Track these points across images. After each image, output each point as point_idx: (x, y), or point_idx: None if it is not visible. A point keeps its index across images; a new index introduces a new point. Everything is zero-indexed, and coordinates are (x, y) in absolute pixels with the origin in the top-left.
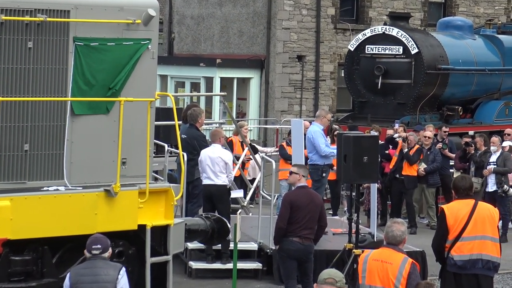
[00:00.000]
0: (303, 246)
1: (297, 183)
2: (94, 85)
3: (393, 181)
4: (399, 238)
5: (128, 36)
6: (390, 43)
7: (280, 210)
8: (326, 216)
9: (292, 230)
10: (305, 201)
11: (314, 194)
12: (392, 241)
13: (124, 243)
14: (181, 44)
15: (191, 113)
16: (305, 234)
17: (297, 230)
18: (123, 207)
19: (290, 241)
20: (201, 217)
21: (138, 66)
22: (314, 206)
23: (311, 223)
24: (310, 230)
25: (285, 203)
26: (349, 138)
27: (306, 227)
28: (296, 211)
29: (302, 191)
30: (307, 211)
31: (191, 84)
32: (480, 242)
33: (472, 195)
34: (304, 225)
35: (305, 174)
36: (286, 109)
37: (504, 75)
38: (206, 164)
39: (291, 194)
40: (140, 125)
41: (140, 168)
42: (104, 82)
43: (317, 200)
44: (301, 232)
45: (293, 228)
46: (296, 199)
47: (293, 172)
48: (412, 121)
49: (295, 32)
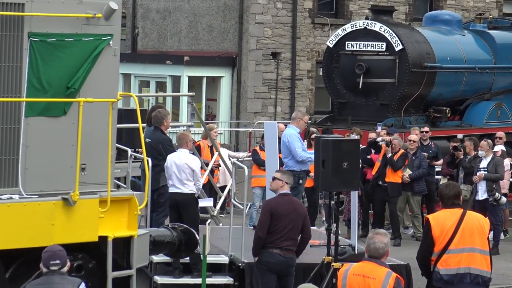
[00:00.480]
0: (284, 259)
1: (280, 190)
2: (51, 85)
3: (376, 189)
4: (381, 251)
5: (88, 32)
6: (372, 39)
7: (259, 218)
8: (310, 227)
9: (272, 240)
10: (287, 210)
11: (297, 203)
12: (374, 254)
13: (84, 256)
14: (146, 40)
15: (156, 115)
16: (287, 246)
17: (278, 241)
18: (83, 217)
19: (270, 253)
20: (167, 227)
21: (99, 64)
22: (297, 215)
23: (293, 233)
24: (292, 241)
25: (265, 211)
26: (327, 142)
27: (287, 238)
28: (277, 219)
29: (284, 199)
30: (289, 220)
31: (156, 83)
32: (468, 255)
33: (459, 203)
34: (285, 235)
35: (289, 181)
36: (259, 111)
37: (496, 73)
38: (172, 171)
39: (272, 201)
40: (101, 128)
41: (101, 174)
42: (61, 81)
43: (300, 209)
44: (282, 243)
45: (274, 238)
46: (277, 206)
47: (276, 178)
48: (396, 124)
49: (269, 27)
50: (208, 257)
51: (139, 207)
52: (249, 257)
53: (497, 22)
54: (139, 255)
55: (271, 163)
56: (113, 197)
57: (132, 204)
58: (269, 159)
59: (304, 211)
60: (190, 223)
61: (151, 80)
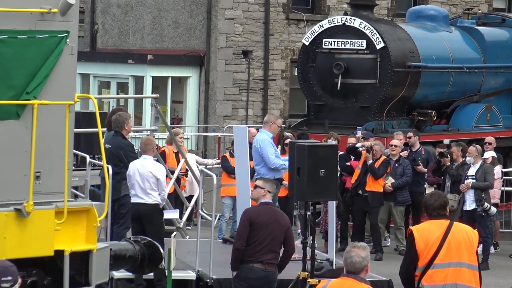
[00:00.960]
0: (265, 273)
1: (261, 199)
2: (2, 86)
3: (355, 198)
4: (358, 265)
5: (43, 28)
6: (351, 37)
7: (238, 228)
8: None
9: (252, 254)
10: (267, 220)
11: (280, 213)
12: (351, 269)
13: (38, 272)
14: (106, 38)
15: (117, 118)
16: (268, 259)
17: (258, 254)
18: (37, 229)
19: (250, 268)
20: (129, 241)
21: (55, 63)
22: (279, 226)
23: (274, 245)
24: (273, 254)
25: (244, 220)
26: (303, 148)
27: (268, 251)
28: (256, 230)
29: (265, 208)
30: (270, 230)
31: (117, 84)
32: (455, 270)
33: (445, 214)
34: (266, 247)
35: (272, 190)
36: (229, 114)
37: (485, 74)
38: (135, 180)
39: (251, 210)
40: (57, 132)
41: (57, 183)
42: (13, 82)
43: (283, 220)
44: (263, 256)
45: (253, 251)
46: (257, 216)
47: (258, 186)
48: (378, 128)
49: (240, 23)
50: (173, 273)
51: (98, 219)
52: (218, 272)
53: (487, 18)
54: (98, 271)
55: (241, 171)
56: (70, 207)
57: (90, 216)
58: (239, 166)
59: (287, 222)
60: (154, 236)
61: (112, 81)
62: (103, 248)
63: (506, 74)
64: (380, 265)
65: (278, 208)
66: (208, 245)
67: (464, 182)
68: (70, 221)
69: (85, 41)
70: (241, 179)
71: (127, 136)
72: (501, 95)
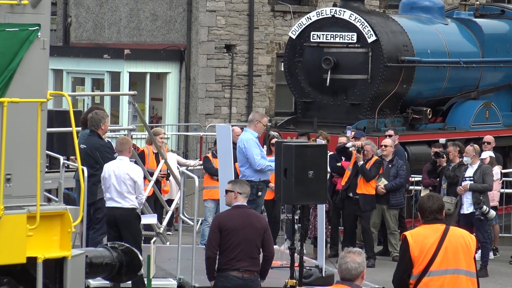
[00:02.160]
0: (242, 282)
1: (233, 202)
2: None
3: (346, 202)
4: (354, 272)
5: (12, 21)
6: (341, 30)
7: (208, 236)
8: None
9: (227, 261)
10: (239, 223)
11: (254, 215)
12: (346, 276)
13: (10, 281)
14: (80, 31)
15: (93, 116)
16: (245, 266)
17: (233, 261)
18: (8, 235)
19: (226, 277)
20: (106, 247)
21: (25, 59)
22: (253, 229)
23: (250, 251)
24: (250, 260)
25: (213, 226)
26: (290, 148)
27: (244, 257)
28: (228, 236)
29: (237, 212)
30: (243, 235)
31: (92, 80)
32: (452, 277)
33: (441, 218)
34: (240, 254)
35: (242, 191)
36: (212, 112)
37: (484, 68)
38: (111, 183)
39: (221, 215)
40: (28, 132)
41: (29, 186)
42: None
43: (258, 222)
44: (239, 263)
45: (227, 258)
46: (227, 220)
47: (227, 190)
48: (370, 126)
49: (222, 16)
50: (153, 281)
51: (73, 224)
52: (201, 280)
53: (485, 9)
54: (73, 279)
55: (224, 172)
56: (43, 212)
57: (65, 220)
58: (222, 168)
59: (262, 225)
60: (131, 242)
61: (86, 77)
62: (78, 255)
63: (505, 69)
64: (373, 272)
65: (263, 211)
66: (190, 252)
67: (461, 184)
68: (43, 226)
69: (58, 35)
70: (224, 180)
71: (104, 136)
72: (501, 91)
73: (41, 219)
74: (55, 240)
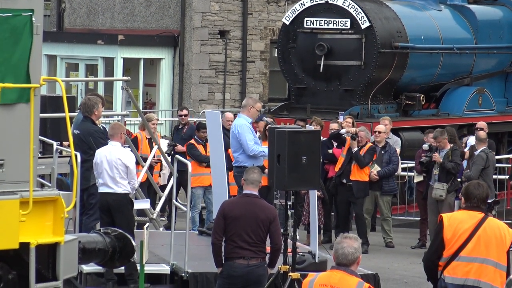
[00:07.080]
0: (248, 269)
1: (245, 190)
2: None
3: (339, 188)
4: (351, 257)
5: (5, 6)
6: (334, 15)
7: (214, 222)
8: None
9: (233, 249)
10: (242, 212)
11: (260, 206)
12: (343, 261)
13: (2, 266)
14: (74, 17)
15: (86, 102)
16: (250, 255)
17: (238, 249)
18: (1, 220)
19: (231, 265)
20: (99, 233)
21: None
22: (256, 220)
23: (255, 240)
24: (255, 249)
25: (218, 213)
26: (283, 134)
27: (249, 245)
28: (231, 224)
29: (242, 200)
30: (246, 224)
31: (86, 66)
32: (480, 266)
33: (483, 208)
34: (245, 242)
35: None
36: (205, 98)
37: (477, 55)
38: (103, 168)
39: (226, 202)
40: (22, 118)
41: (22, 171)
42: None
43: (262, 213)
44: (244, 252)
45: (233, 246)
46: (231, 208)
47: None
48: (363, 112)
49: (216, 2)
50: (146, 267)
51: (66, 209)
52: (193, 266)
53: None
54: (66, 265)
55: (216, 158)
56: (36, 197)
57: (58, 206)
58: (213, 155)
59: (269, 216)
60: (124, 227)
61: (80, 63)
62: (71, 241)
63: (498, 55)
64: (366, 258)
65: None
66: (183, 237)
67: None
68: (36, 211)
69: (52, 21)
70: (216, 167)
71: (97, 121)
72: (494, 77)
73: (34, 204)
74: (48, 225)
